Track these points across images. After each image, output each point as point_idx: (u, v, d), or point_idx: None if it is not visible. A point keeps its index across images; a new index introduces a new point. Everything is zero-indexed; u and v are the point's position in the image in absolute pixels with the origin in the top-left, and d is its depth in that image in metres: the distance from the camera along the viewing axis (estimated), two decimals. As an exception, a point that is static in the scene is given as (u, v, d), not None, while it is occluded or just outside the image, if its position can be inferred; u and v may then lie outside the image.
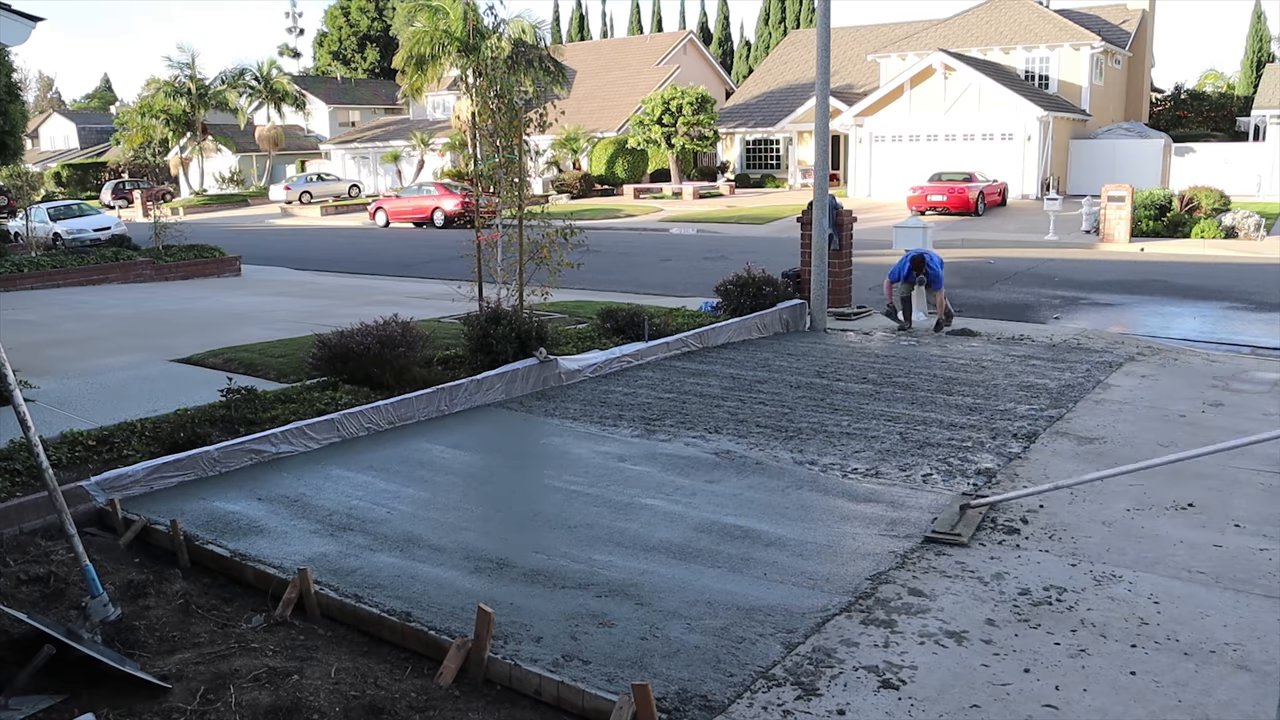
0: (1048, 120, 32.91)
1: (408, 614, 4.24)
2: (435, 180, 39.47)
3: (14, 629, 3.86)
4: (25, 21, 6.09)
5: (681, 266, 19.77)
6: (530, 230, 9.09)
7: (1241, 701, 3.50)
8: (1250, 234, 21.87)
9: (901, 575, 4.61)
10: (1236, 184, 30.72)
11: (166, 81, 50.42)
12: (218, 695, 3.51)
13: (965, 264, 18.68)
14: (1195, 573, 4.55)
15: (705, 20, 66.71)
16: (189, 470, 6.12)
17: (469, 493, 6.04)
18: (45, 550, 4.88)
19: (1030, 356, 9.66)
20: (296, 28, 69.95)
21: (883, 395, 8.12)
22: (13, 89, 15.72)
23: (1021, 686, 3.64)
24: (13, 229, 25.55)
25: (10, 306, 14.46)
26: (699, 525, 5.28)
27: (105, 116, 68.09)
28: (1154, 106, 45.69)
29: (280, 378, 8.63)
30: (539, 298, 9.12)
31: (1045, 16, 38.02)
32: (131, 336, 11.71)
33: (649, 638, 4.04)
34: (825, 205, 11.52)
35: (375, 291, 16.38)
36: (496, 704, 3.63)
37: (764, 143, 44.50)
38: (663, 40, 53.83)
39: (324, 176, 49.35)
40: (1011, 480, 5.94)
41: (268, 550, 5.01)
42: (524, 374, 8.39)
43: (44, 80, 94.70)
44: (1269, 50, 52.01)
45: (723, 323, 10.85)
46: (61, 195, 50.21)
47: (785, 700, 3.58)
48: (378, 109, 61.17)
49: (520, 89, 9.72)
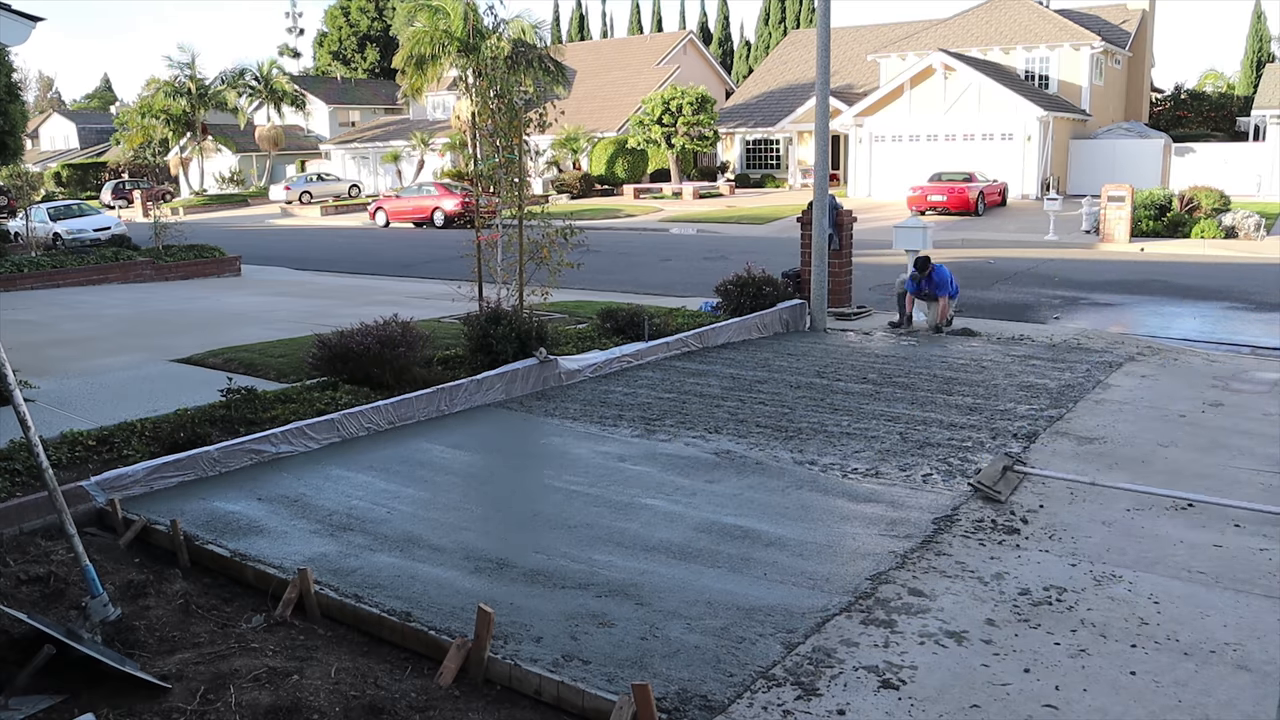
0: (1048, 120, 32.90)
1: (408, 614, 4.24)
2: (435, 180, 39.47)
3: (14, 629, 3.86)
4: (25, 21, 6.09)
5: (681, 266, 19.78)
6: (530, 230, 9.09)
7: (1241, 701, 3.50)
8: (1250, 234, 21.87)
9: (901, 575, 4.61)
10: (1236, 184, 30.72)
11: (167, 81, 50.42)
12: (218, 695, 3.51)
13: (965, 264, 18.68)
14: (1195, 573, 4.55)
15: (705, 20, 66.71)
16: (189, 470, 6.12)
17: (469, 493, 6.04)
18: (45, 550, 4.88)
19: (1030, 356, 9.66)
20: (296, 28, 69.98)
21: (883, 395, 8.12)
22: (13, 89, 15.72)
23: (1021, 686, 3.64)
24: (13, 229, 25.55)
25: (10, 306, 14.46)
26: (699, 525, 5.28)
27: (105, 116, 68.11)
28: (1154, 106, 45.69)
29: (280, 378, 8.63)
30: (539, 298, 9.12)
31: (1045, 16, 38.02)
32: (131, 336, 11.71)
33: (649, 638, 4.04)
34: (825, 205, 11.52)
35: (375, 291, 16.38)
36: (496, 704, 3.63)
37: (764, 143, 44.49)
38: (663, 40, 53.82)
39: (324, 176, 49.35)
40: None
41: (268, 550, 5.01)
42: (524, 374, 8.39)
43: (44, 80, 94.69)
44: (1269, 50, 52.01)
45: (723, 323, 10.85)
46: (61, 195, 50.22)
47: (785, 700, 3.58)
48: (378, 109, 61.17)
49: (520, 89, 9.73)
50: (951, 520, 5.29)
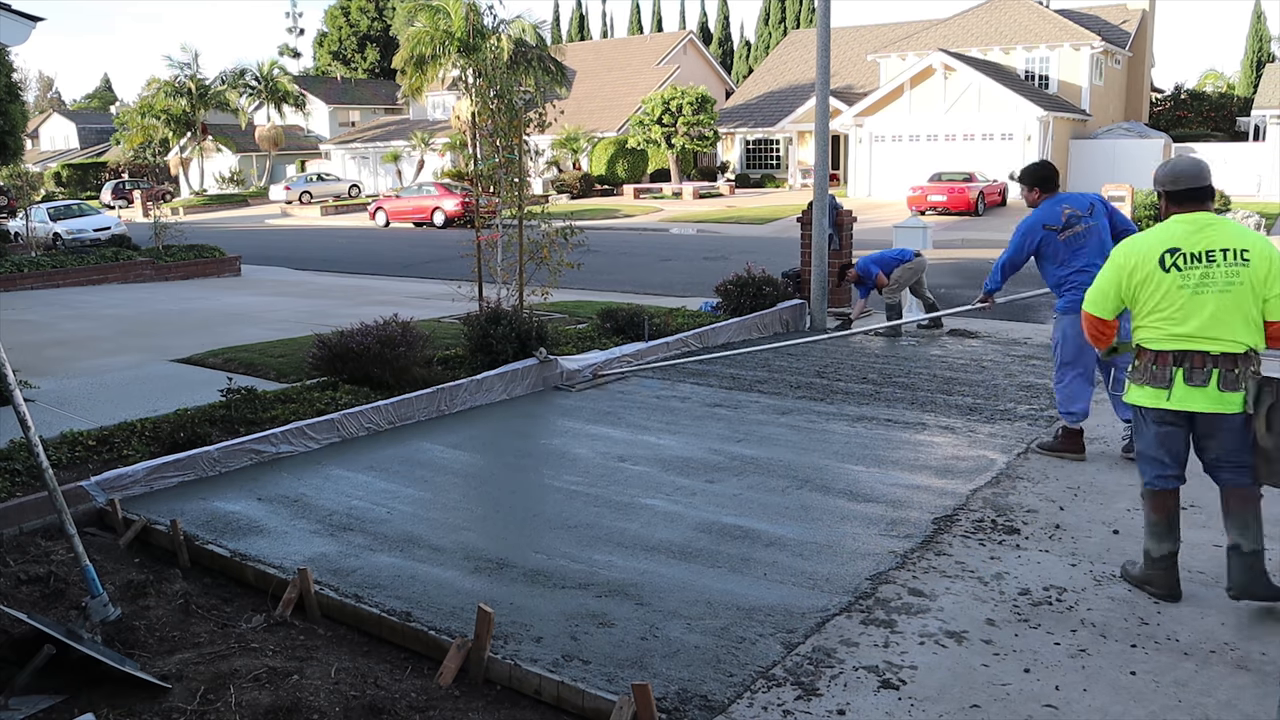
0: (1048, 120, 32.91)
1: (408, 614, 4.24)
2: (435, 180, 39.49)
3: (14, 629, 3.86)
4: (25, 21, 6.09)
5: (681, 266, 19.78)
6: (530, 230, 9.09)
7: (1241, 701, 3.50)
8: (1250, 234, 21.85)
9: (901, 575, 4.61)
10: (1236, 184, 30.73)
11: (167, 81, 50.46)
12: (218, 695, 3.51)
13: (966, 264, 18.68)
14: (1195, 573, 4.55)
15: (705, 20, 66.74)
16: (189, 470, 6.12)
17: (469, 493, 6.04)
18: (45, 550, 4.88)
19: (1030, 356, 9.66)
20: (296, 28, 70.09)
21: (883, 395, 8.12)
22: (13, 89, 15.74)
23: (1021, 686, 3.64)
24: (13, 229, 25.57)
25: (10, 306, 14.46)
26: (699, 525, 5.28)
27: (105, 116, 68.14)
28: (1154, 106, 45.69)
29: (280, 378, 8.63)
30: (539, 298, 9.13)
31: (1045, 16, 38.03)
32: (131, 336, 11.71)
33: (649, 638, 4.04)
34: (825, 205, 11.52)
35: (375, 291, 16.38)
36: (496, 704, 3.62)
37: (764, 143, 44.51)
38: (663, 40, 53.86)
39: (324, 176, 49.36)
40: (1011, 480, 5.94)
41: (268, 550, 5.01)
42: (524, 374, 8.39)
43: (44, 80, 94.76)
44: (1269, 50, 52.05)
45: (723, 323, 10.86)
46: (61, 195, 50.24)
47: (785, 700, 3.58)
48: (378, 109, 61.20)
49: (521, 89, 9.74)
50: (951, 520, 5.29)
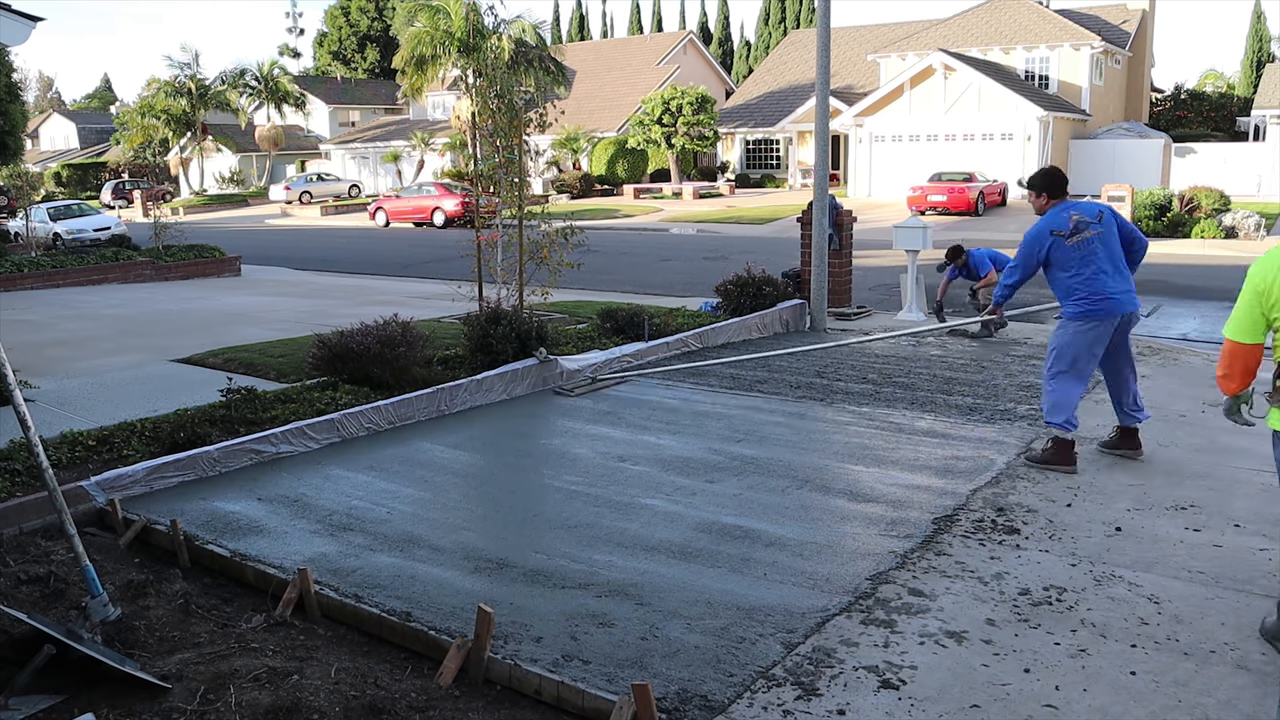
0: (1048, 120, 32.91)
1: (408, 614, 4.24)
2: (435, 180, 39.48)
3: (14, 629, 3.86)
4: (25, 21, 6.09)
5: (681, 266, 19.78)
6: (530, 230, 9.09)
7: (1241, 701, 3.50)
8: (1250, 234, 21.88)
9: (901, 575, 4.61)
10: (1236, 184, 30.73)
11: (167, 81, 50.45)
12: (218, 695, 3.51)
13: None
14: (1195, 573, 4.55)
15: (705, 20, 66.73)
16: (189, 470, 6.12)
17: (469, 493, 6.04)
18: (45, 550, 4.88)
19: (1030, 356, 9.66)
20: (296, 28, 70.09)
21: (883, 395, 8.12)
22: (13, 89, 15.74)
23: (1021, 686, 3.64)
24: (13, 229, 25.56)
25: (10, 306, 14.46)
26: (699, 525, 5.28)
27: (105, 116, 68.13)
28: (1154, 106, 45.69)
29: (280, 378, 8.63)
30: (539, 298, 9.12)
31: (1045, 16, 38.02)
32: (131, 336, 11.71)
33: (649, 638, 4.04)
34: (825, 205, 11.52)
35: (375, 291, 16.38)
36: (496, 704, 3.62)
37: (764, 143, 44.50)
38: (663, 40, 53.85)
39: (324, 176, 49.35)
40: (1011, 480, 5.94)
41: (268, 550, 5.01)
42: (524, 374, 8.39)
43: (44, 80, 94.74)
44: (1269, 50, 52.05)
45: (723, 323, 10.85)
46: (61, 195, 50.24)
47: (785, 700, 3.58)
48: (378, 109, 61.19)
49: (521, 89, 9.73)
50: (951, 520, 5.29)
